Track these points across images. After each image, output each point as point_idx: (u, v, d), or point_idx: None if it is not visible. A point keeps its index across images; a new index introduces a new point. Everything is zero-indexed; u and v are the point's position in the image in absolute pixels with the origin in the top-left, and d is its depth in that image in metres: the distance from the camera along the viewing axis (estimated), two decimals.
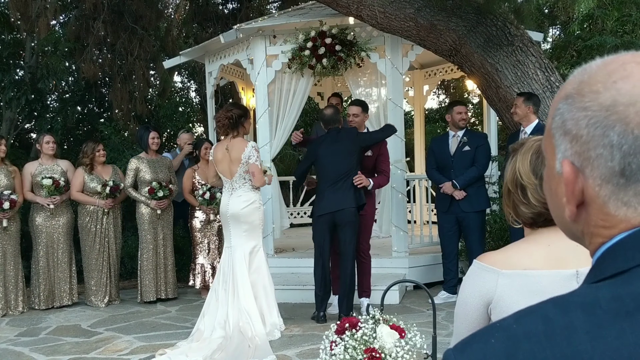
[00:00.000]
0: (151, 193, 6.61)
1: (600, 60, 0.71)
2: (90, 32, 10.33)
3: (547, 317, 0.63)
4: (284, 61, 7.01)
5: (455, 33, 5.91)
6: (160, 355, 4.79)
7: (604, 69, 0.68)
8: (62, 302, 6.55)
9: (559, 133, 0.70)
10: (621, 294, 0.62)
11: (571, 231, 0.75)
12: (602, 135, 0.65)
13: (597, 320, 0.60)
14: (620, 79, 0.66)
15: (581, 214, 0.71)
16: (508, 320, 0.65)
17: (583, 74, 0.70)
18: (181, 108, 12.05)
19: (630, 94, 0.65)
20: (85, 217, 6.63)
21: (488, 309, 1.45)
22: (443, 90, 15.39)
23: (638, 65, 0.67)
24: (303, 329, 5.40)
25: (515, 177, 1.52)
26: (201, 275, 6.78)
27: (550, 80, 5.88)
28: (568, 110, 0.69)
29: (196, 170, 6.80)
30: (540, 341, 0.61)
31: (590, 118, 0.66)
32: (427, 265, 6.95)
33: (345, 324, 2.83)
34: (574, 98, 0.69)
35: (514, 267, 1.43)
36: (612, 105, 0.65)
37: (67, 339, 5.45)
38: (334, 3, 6.21)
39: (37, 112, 10.12)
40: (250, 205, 5.16)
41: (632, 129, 0.64)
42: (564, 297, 0.65)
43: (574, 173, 0.69)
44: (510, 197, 1.54)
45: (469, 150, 6.05)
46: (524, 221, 1.53)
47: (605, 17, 8.99)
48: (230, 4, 12.91)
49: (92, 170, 6.65)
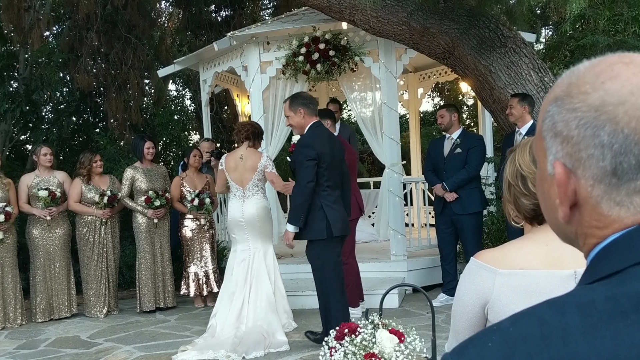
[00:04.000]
0: (148, 202, 6.59)
1: (587, 62, 0.71)
2: (84, 43, 10.34)
3: (543, 319, 0.63)
4: (278, 67, 7.03)
5: (448, 36, 5.93)
6: (182, 352, 5.01)
7: (592, 71, 0.69)
8: (60, 315, 6.52)
9: (549, 135, 0.71)
10: (616, 294, 0.62)
11: (564, 233, 0.75)
12: (592, 136, 0.66)
13: (593, 321, 0.60)
14: (608, 79, 0.67)
15: (574, 215, 0.71)
16: (504, 323, 0.65)
17: (571, 76, 0.71)
18: (176, 116, 12.04)
19: (618, 93, 0.65)
20: (84, 228, 6.61)
21: (485, 308, 1.44)
22: (437, 93, 15.42)
23: (625, 66, 0.67)
24: (303, 336, 5.38)
25: (515, 169, 1.52)
26: (195, 283, 6.76)
27: (544, 80, 5.89)
28: (558, 112, 0.69)
29: (184, 179, 6.80)
30: (537, 343, 0.61)
31: (580, 119, 0.67)
32: (426, 268, 6.94)
33: (344, 329, 2.82)
34: (563, 100, 0.69)
35: (511, 266, 1.42)
36: (601, 105, 0.66)
37: (67, 350, 5.42)
38: (327, 9, 6.23)
39: (32, 124, 10.10)
40: (264, 211, 5.47)
41: (622, 128, 0.64)
42: (559, 299, 0.65)
43: (566, 174, 0.69)
44: (510, 191, 1.53)
45: (461, 152, 6.06)
46: (525, 215, 1.52)
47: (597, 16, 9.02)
48: (223, 11, 12.93)
49: (89, 180, 6.63)
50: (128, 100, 10.71)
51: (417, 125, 10.08)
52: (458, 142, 6.08)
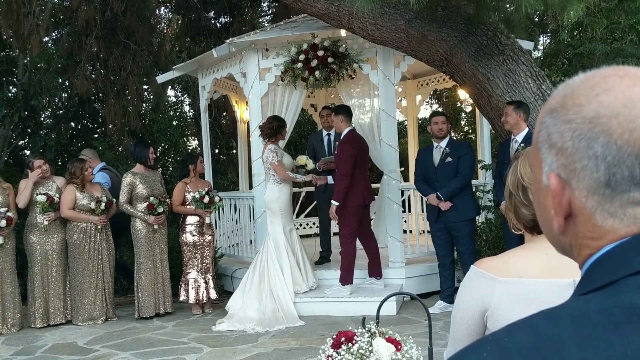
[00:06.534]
0: (151, 209, 6.59)
1: (583, 74, 0.72)
2: (83, 48, 10.36)
3: (538, 329, 0.63)
4: (276, 74, 7.04)
5: (446, 43, 5.95)
6: (220, 324, 6.06)
7: (587, 83, 0.70)
8: (55, 321, 6.49)
9: (544, 146, 0.71)
10: (609, 305, 0.62)
11: (560, 244, 0.76)
12: (586, 147, 0.66)
13: (586, 332, 0.61)
14: (602, 91, 0.67)
15: (569, 226, 0.72)
16: (499, 334, 0.66)
17: (567, 89, 0.72)
18: (175, 122, 12.05)
19: (612, 106, 0.66)
20: (79, 235, 6.56)
21: (484, 316, 1.44)
22: (436, 100, 15.45)
23: (619, 79, 0.68)
24: (300, 342, 5.38)
25: (517, 179, 1.53)
26: (194, 290, 6.75)
27: (541, 88, 5.91)
28: (553, 123, 0.70)
29: (188, 184, 6.82)
30: (531, 353, 0.61)
31: (574, 130, 0.68)
32: (424, 275, 6.94)
33: (341, 337, 2.82)
34: (558, 112, 0.70)
35: (510, 275, 1.43)
36: (595, 117, 0.66)
37: (64, 357, 5.41)
38: (325, 16, 6.25)
39: (30, 129, 10.10)
40: (270, 194, 6.48)
41: (615, 140, 0.65)
42: (554, 310, 0.66)
43: (561, 185, 0.70)
44: (511, 200, 1.54)
45: (452, 161, 6.09)
46: (524, 225, 1.52)
47: (595, 24, 9.06)
48: (222, 18, 12.96)
49: (83, 188, 6.61)
50: (127, 106, 10.72)
51: (415, 132, 10.10)
52: (447, 151, 6.10)
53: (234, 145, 11.67)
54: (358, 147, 6.33)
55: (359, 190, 6.26)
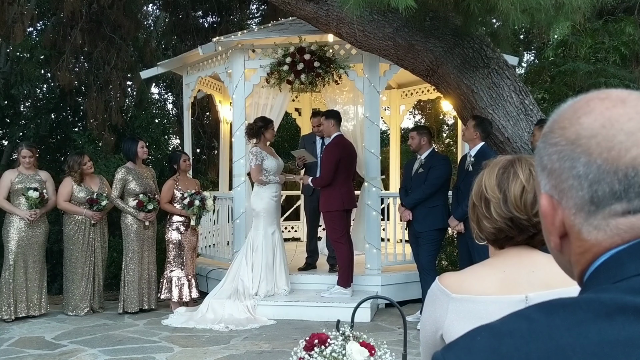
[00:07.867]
0: (140, 206, 6.58)
1: (571, 100, 0.76)
2: (68, 40, 10.22)
3: (531, 317, 0.66)
4: (262, 75, 7.02)
5: (433, 53, 5.97)
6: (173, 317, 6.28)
7: (572, 107, 0.74)
8: (29, 312, 6.40)
9: (539, 170, 0.76)
10: (601, 297, 0.65)
11: (562, 263, 0.79)
12: (570, 167, 0.70)
13: (578, 319, 0.63)
14: (583, 114, 0.71)
15: (565, 244, 0.75)
16: (494, 322, 0.69)
17: (555, 114, 0.76)
18: (157, 119, 11.94)
19: (591, 127, 0.70)
20: (74, 227, 6.58)
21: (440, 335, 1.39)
22: (419, 111, 15.52)
23: (600, 101, 0.72)
24: (273, 345, 5.34)
25: (480, 190, 1.50)
26: (178, 288, 6.69)
27: (524, 103, 5.96)
28: (543, 147, 0.75)
29: (177, 182, 6.78)
30: (524, 336, 0.64)
31: (560, 152, 0.72)
32: (400, 283, 6.94)
33: (314, 340, 2.79)
34: (547, 136, 0.75)
35: (465, 292, 1.39)
36: (576, 138, 0.70)
37: (30, 351, 5.30)
38: (314, 20, 6.24)
39: (9, 119, 9.93)
40: (253, 196, 6.65)
41: (595, 159, 0.69)
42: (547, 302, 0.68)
43: (552, 205, 0.73)
44: (474, 211, 1.51)
45: (423, 172, 6.19)
46: (486, 237, 1.49)
47: (579, 44, 9.18)
48: (210, 17, 12.91)
49: (81, 181, 6.60)
50: (109, 100, 10.59)
51: (398, 141, 10.13)
52: (422, 162, 6.19)
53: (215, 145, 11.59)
54: (342, 152, 6.35)
55: (338, 195, 6.34)
